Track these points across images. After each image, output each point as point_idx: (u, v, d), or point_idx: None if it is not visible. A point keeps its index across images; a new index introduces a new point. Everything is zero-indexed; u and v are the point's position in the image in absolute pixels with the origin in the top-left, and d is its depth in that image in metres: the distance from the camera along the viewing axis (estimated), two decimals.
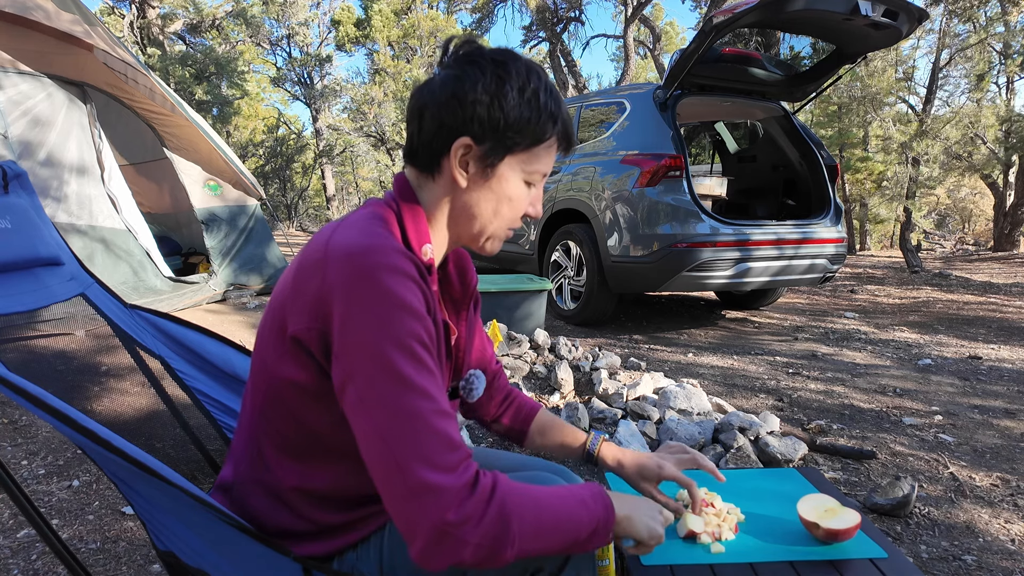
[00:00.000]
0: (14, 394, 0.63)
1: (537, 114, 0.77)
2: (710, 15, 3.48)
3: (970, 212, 21.06)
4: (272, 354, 0.76)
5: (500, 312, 3.32)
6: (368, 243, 0.70)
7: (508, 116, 0.76)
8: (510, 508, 0.67)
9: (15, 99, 3.40)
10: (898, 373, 3.21)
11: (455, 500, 0.64)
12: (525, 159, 0.80)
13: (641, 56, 17.01)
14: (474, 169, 0.79)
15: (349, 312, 0.67)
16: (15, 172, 0.98)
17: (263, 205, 5.01)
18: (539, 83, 0.78)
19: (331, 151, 18.97)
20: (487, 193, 0.80)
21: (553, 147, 0.82)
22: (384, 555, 0.82)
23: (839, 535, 0.96)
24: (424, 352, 0.69)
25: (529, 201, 0.84)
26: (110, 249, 3.65)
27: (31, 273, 0.96)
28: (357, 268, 0.68)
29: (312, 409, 0.75)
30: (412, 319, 0.68)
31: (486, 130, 0.76)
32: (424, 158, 0.80)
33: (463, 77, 0.76)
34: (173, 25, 14.23)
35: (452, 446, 0.67)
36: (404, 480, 0.64)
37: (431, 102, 0.77)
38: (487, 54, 0.77)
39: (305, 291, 0.71)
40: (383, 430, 0.66)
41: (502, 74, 0.76)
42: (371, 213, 0.78)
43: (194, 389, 1.16)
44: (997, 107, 11.48)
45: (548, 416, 1.09)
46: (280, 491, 0.80)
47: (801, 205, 4.44)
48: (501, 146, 0.77)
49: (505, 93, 0.75)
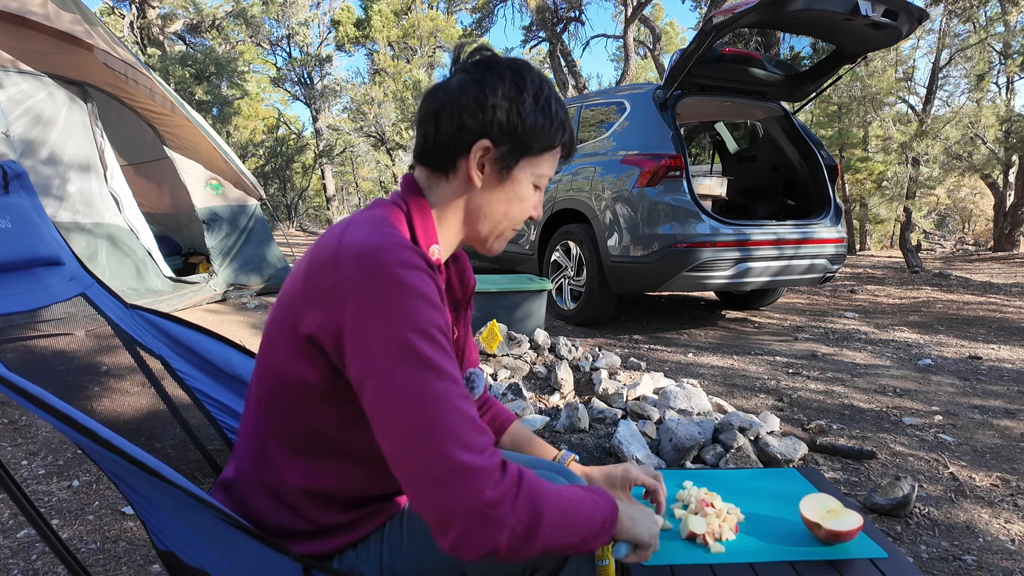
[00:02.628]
0: (14, 394, 0.63)
1: (550, 121, 0.81)
2: (710, 15, 3.48)
3: (970, 212, 21.05)
4: (281, 352, 0.76)
5: (500, 312, 3.32)
6: (380, 241, 0.71)
7: (525, 122, 0.79)
8: (538, 495, 0.68)
9: (16, 98, 3.40)
10: (898, 373, 3.21)
11: (490, 479, 0.64)
12: (536, 163, 0.84)
13: (641, 56, 17.01)
14: (490, 170, 0.82)
15: (365, 308, 0.67)
16: (15, 172, 0.98)
17: (263, 205, 5.01)
18: (551, 93, 0.82)
19: (331, 151, 18.97)
20: (500, 194, 0.84)
21: (558, 154, 0.87)
22: (384, 554, 0.82)
23: (841, 536, 0.96)
24: (444, 339, 0.70)
25: (533, 204, 0.88)
26: (115, 247, 3.65)
27: (31, 273, 0.96)
28: (370, 266, 0.68)
29: (320, 408, 0.75)
30: (429, 307, 0.69)
31: (504, 134, 0.80)
32: (439, 158, 0.82)
33: (483, 82, 0.79)
34: (173, 25, 14.23)
35: (479, 428, 0.67)
36: (437, 463, 0.63)
37: (449, 104, 0.79)
38: (504, 62, 0.81)
39: (318, 290, 0.71)
40: (410, 416, 0.65)
41: (519, 82, 0.79)
42: (380, 212, 0.79)
43: (194, 389, 1.16)
44: (997, 107, 11.48)
45: (521, 429, 1.10)
46: (283, 490, 0.80)
47: (801, 205, 4.44)
48: (517, 150, 0.81)
49: (523, 100, 0.79)
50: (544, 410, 2.45)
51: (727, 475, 1.27)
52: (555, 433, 2.24)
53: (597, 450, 2.10)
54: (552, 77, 15.81)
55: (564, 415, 2.28)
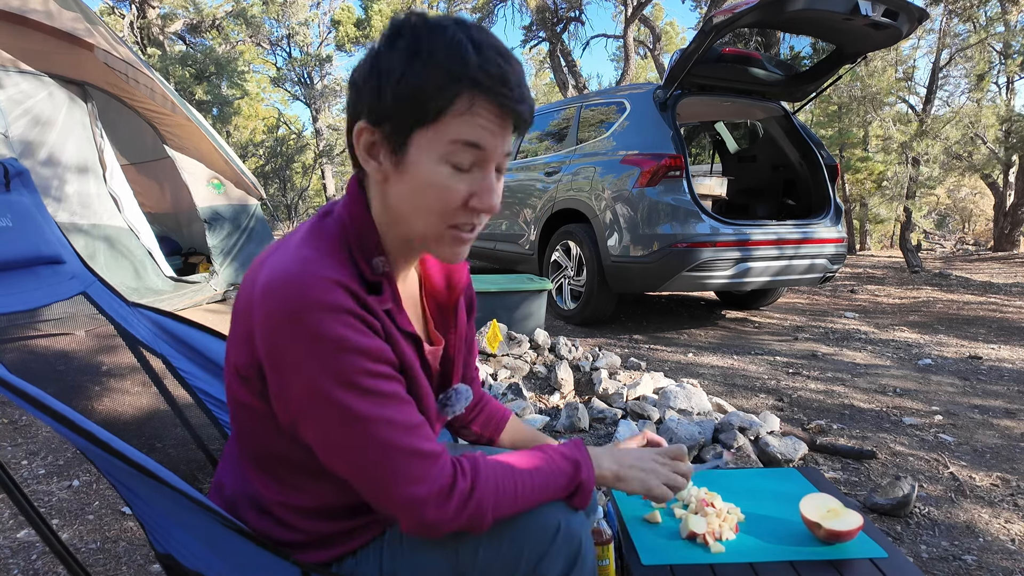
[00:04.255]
0: (13, 395, 0.63)
1: (434, 77, 0.62)
2: (710, 15, 3.48)
3: (970, 212, 21.05)
4: (229, 377, 0.76)
5: (500, 312, 3.32)
6: (293, 276, 0.64)
7: (398, 88, 0.63)
8: (486, 499, 0.71)
9: (16, 98, 3.40)
10: (898, 373, 3.21)
11: (433, 504, 0.68)
12: (439, 131, 0.65)
13: (641, 56, 17.00)
14: (385, 158, 0.68)
15: (280, 358, 0.65)
16: (17, 170, 0.98)
17: (263, 205, 5.01)
18: (443, 39, 0.63)
19: (331, 151, 18.97)
20: (403, 186, 0.68)
21: (479, 110, 0.64)
22: (384, 560, 0.81)
23: (841, 536, 0.96)
24: (374, 381, 0.66)
25: (468, 188, 0.67)
26: (113, 248, 3.65)
27: (32, 271, 0.96)
28: (280, 310, 0.63)
29: (272, 433, 0.74)
30: (352, 355, 0.64)
31: (376, 109, 0.65)
32: (352, 154, 0.72)
33: (366, 56, 0.67)
34: (173, 25, 14.22)
35: (423, 456, 0.69)
36: (383, 500, 0.69)
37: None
38: (387, 29, 0.67)
39: (238, 327, 0.71)
40: (349, 462, 0.68)
41: (386, 45, 0.65)
42: (310, 231, 0.71)
43: (196, 388, 1.16)
44: (997, 107, 11.49)
45: (519, 425, 1.09)
46: (267, 505, 0.79)
47: (801, 205, 4.44)
48: (401, 122, 0.65)
49: (392, 60, 0.64)
50: (544, 410, 2.45)
51: (727, 475, 1.27)
52: (555, 433, 2.24)
53: None
54: (552, 77, 15.81)
55: (564, 415, 2.28)
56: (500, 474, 0.74)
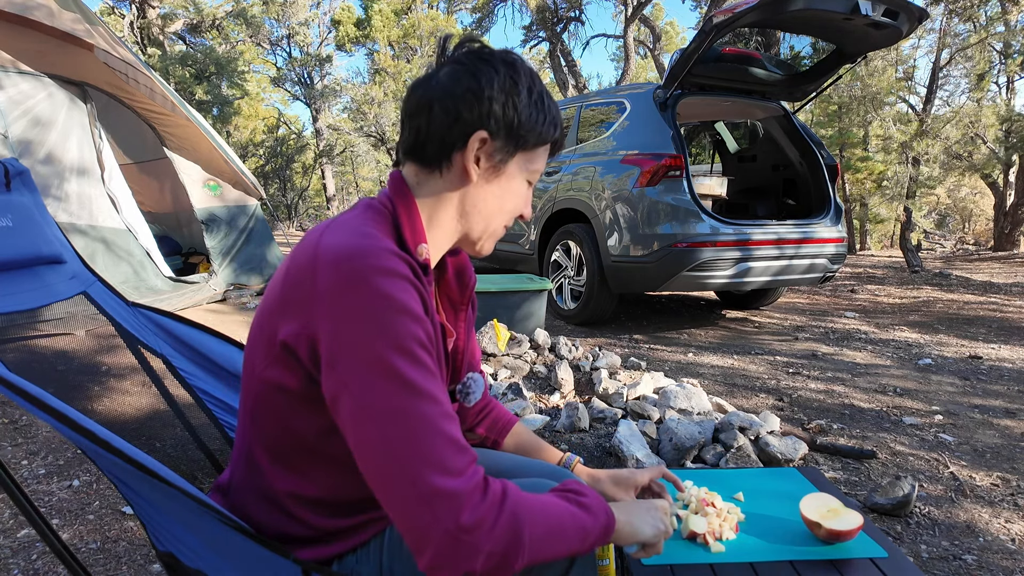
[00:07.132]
0: (13, 394, 0.63)
1: (543, 116, 0.80)
2: (710, 15, 3.48)
3: (970, 212, 21.05)
4: (260, 358, 0.75)
5: (500, 312, 3.32)
6: (358, 245, 0.68)
7: (521, 115, 0.77)
8: (522, 516, 0.66)
9: (15, 99, 3.40)
10: (898, 373, 3.21)
11: (468, 503, 0.62)
12: (530, 158, 0.82)
13: (641, 56, 17.01)
14: (485, 164, 0.79)
15: (341, 320, 0.65)
16: (17, 170, 0.98)
17: (263, 205, 5.01)
18: (543, 88, 0.81)
19: (331, 151, 18.98)
20: (494, 189, 0.81)
21: (548, 150, 0.85)
22: (384, 560, 0.81)
23: (841, 536, 0.97)
24: (425, 354, 0.67)
25: (524, 200, 0.86)
26: (111, 249, 3.65)
27: (33, 271, 0.96)
28: (347, 273, 0.65)
29: (301, 415, 0.74)
30: (410, 320, 0.66)
31: (501, 126, 0.77)
32: (432, 151, 0.78)
33: (477, 73, 0.76)
34: (173, 25, 14.23)
35: (460, 449, 0.66)
36: (414, 487, 0.62)
37: (443, 96, 0.76)
38: (497, 54, 0.79)
39: (294, 295, 0.70)
40: (387, 437, 0.63)
41: (514, 75, 0.77)
42: (363, 213, 0.76)
43: (196, 388, 1.16)
44: (997, 107, 11.49)
45: (523, 431, 1.09)
46: (276, 496, 0.79)
47: (801, 205, 4.44)
48: (512, 143, 0.79)
49: (519, 92, 0.77)
50: (544, 410, 2.45)
51: (727, 475, 1.27)
52: (555, 433, 2.24)
53: (597, 450, 2.10)
54: (552, 77, 15.81)
55: (564, 415, 2.28)
56: (527, 495, 0.71)
